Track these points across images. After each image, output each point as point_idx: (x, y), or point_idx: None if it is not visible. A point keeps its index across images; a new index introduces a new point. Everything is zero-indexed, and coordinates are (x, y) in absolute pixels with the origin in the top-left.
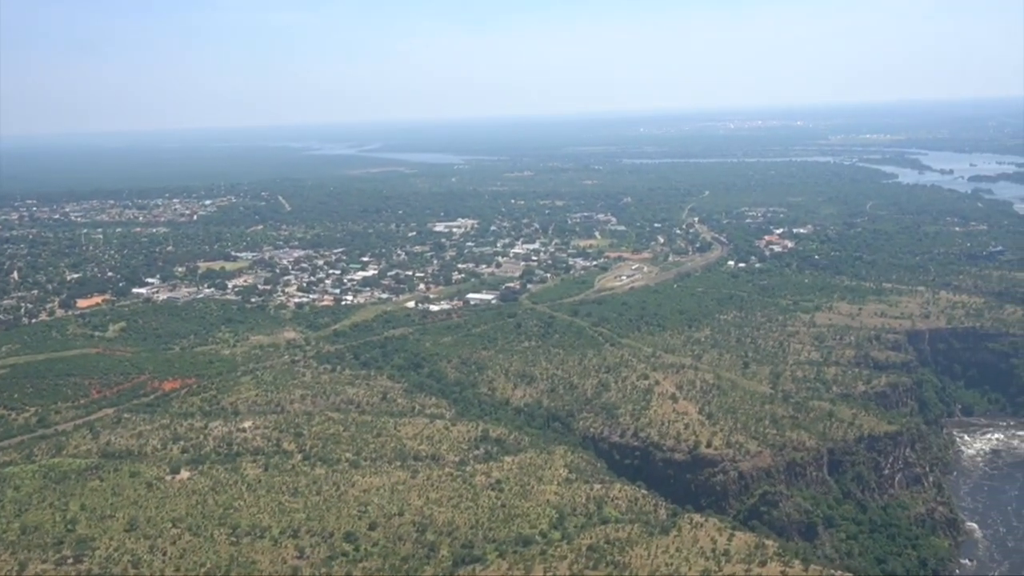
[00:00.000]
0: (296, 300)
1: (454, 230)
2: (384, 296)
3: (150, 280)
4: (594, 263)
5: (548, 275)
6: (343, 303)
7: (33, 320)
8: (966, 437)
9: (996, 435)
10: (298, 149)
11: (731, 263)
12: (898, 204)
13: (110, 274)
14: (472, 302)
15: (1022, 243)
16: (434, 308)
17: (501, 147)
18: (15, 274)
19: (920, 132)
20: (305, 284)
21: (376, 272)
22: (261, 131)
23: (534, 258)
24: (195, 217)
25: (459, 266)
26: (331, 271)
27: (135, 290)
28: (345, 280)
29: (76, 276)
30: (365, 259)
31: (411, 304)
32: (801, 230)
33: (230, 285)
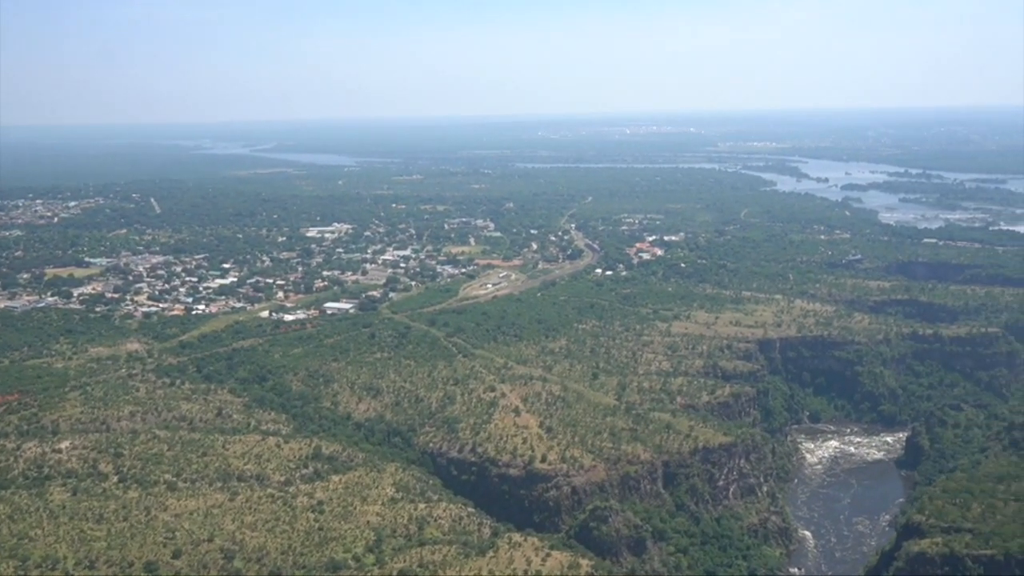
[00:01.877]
0: (145, 309)
1: (327, 235)
2: (239, 305)
3: None
4: (462, 271)
5: (413, 283)
6: (194, 312)
7: None
8: (810, 445)
9: (836, 442)
10: (189, 148)
11: (599, 271)
12: (771, 212)
13: None
14: (329, 311)
15: (880, 252)
16: (288, 318)
17: (397, 149)
18: None
19: (805, 140)
20: (157, 292)
21: (235, 279)
22: (157, 128)
23: (402, 265)
24: (56, 219)
25: (324, 273)
26: (188, 278)
27: None
28: (201, 288)
29: None
30: (227, 266)
31: (265, 314)
32: (673, 237)
33: (76, 293)
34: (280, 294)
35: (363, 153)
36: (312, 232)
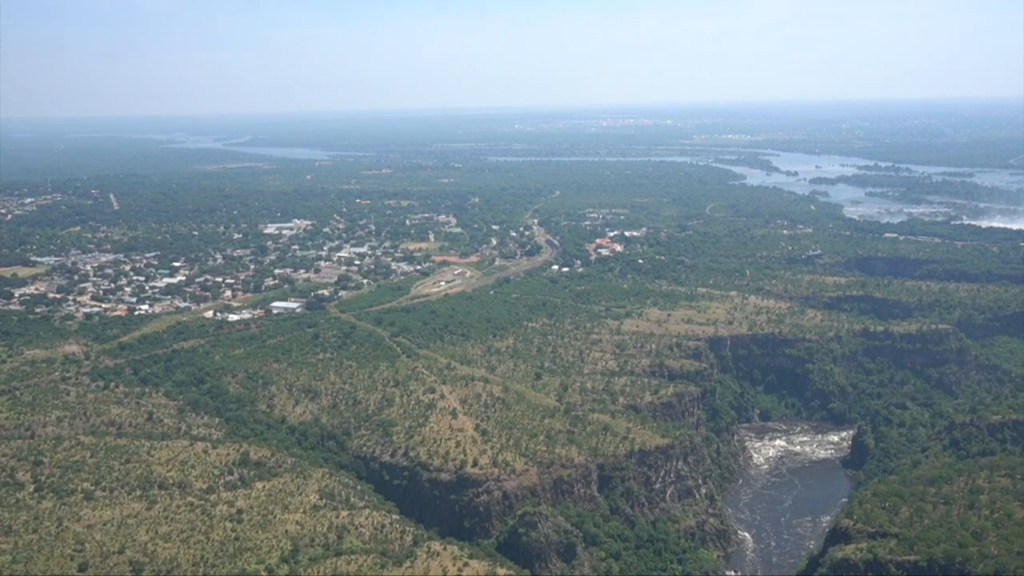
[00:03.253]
0: (87, 310)
1: (284, 232)
2: (184, 305)
3: None
4: (417, 268)
5: (366, 281)
6: (137, 313)
7: None
8: (757, 444)
9: (783, 441)
10: (161, 142)
11: (555, 267)
12: (736, 206)
13: None
14: (276, 311)
15: (841, 247)
16: (233, 318)
17: (371, 143)
18: None
19: (779, 133)
20: (102, 292)
21: (184, 278)
22: (130, 122)
23: (356, 263)
24: (9, 217)
25: (276, 272)
26: (136, 278)
27: None
28: (147, 287)
29: None
30: (177, 264)
31: (210, 314)
32: (634, 233)
33: (17, 293)
34: (228, 293)
35: (336, 147)
36: (270, 229)
